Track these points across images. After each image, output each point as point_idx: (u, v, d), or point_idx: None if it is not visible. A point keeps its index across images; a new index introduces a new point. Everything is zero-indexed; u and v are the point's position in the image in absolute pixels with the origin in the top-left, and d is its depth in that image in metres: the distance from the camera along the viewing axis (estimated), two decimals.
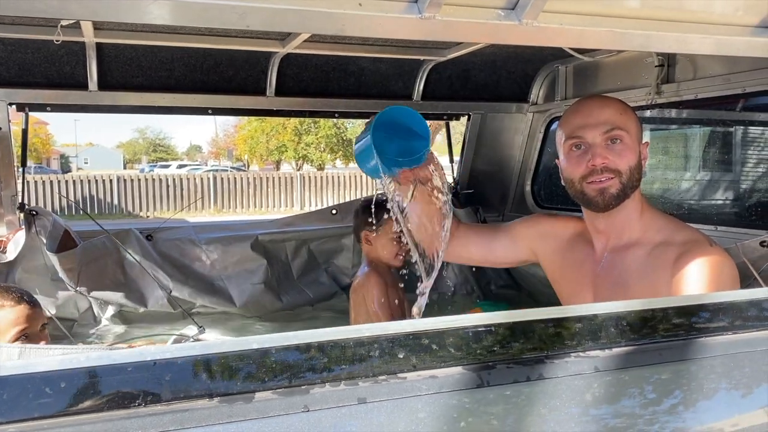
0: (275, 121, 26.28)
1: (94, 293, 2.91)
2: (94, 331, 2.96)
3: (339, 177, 19.45)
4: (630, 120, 1.53)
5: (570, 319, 0.89)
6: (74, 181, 17.31)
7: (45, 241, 2.72)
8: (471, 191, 3.54)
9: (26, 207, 2.74)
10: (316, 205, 17.26)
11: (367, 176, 1.65)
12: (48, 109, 2.69)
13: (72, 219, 4.29)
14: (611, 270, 1.58)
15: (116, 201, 17.32)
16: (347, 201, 3.50)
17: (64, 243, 2.79)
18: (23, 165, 2.80)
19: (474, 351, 0.83)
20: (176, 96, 2.75)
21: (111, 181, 17.32)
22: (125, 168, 48.54)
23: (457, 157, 3.61)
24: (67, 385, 0.69)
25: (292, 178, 19.09)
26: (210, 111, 2.90)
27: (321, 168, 27.24)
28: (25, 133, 2.77)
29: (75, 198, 16.15)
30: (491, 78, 3.18)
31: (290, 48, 2.43)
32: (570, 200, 1.61)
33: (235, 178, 18.49)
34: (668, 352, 0.90)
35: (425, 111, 3.19)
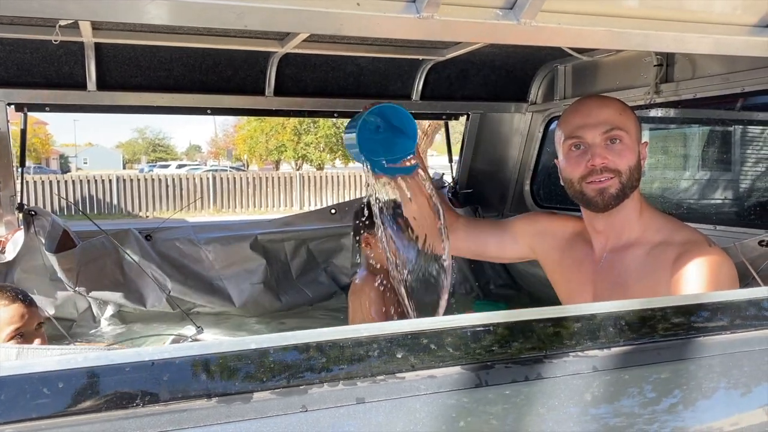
0: (274, 121, 26.25)
1: (93, 293, 2.91)
2: (94, 332, 2.96)
3: (338, 177, 19.43)
4: (629, 120, 1.53)
5: (569, 319, 0.89)
6: (73, 181, 17.30)
7: (44, 241, 2.72)
8: (470, 191, 3.55)
9: (25, 207, 2.74)
10: (316, 205, 17.26)
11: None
12: (46, 109, 2.69)
13: (71, 219, 4.29)
14: (610, 270, 1.58)
15: (115, 201, 17.31)
16: (346, 201, 3.50)
17: (63, 243, 2.79)
18: (22, 165, 2.80)
19: (473, 351, 0.83)
20: (175, 96, 2.74)
21: (110, 181, 17.32)
22: (124, 168, 48.49)
23: (456, 157, 3.61)
24: (65, 386, 0.69)
25: (292, 178, 19.08)
26: (209, 111, 2.90)
27: (320, 168, 27.21)
28: (24, 133, 2.77)
29: (74, 198, 16.14)
30: (490, 78, 3.18)
31: (289, 48, 2.43)
32: (569, 200, 1.61)
33: (235, 178, 18.48)
34: (667, 352, 0.90)
35: (424, 111, 3.19)
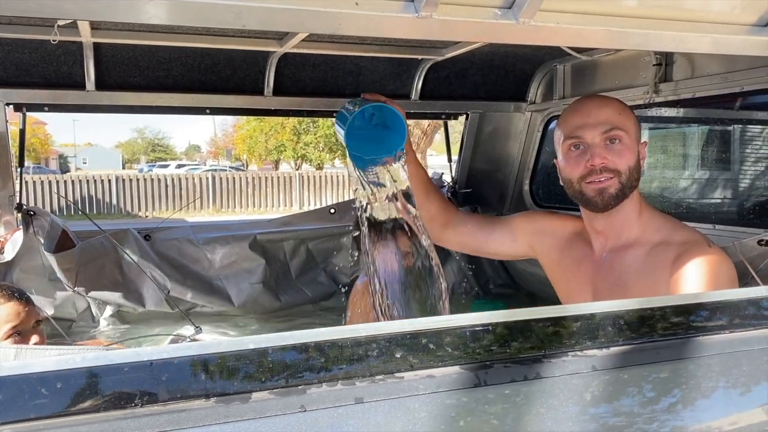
0: (274, 121, 26.22)
1: (92, 293, 2.91)
2: (93, 332, 2.96)
3: (338, 176, 19.42)
4: (629, 120, 1.53)
5: (568, 319, 0.89)
6: (73, 181, 17.29)
7: (43, 242, 2.72)
8: (469, 190, 3.54)
9: (24, 207, 2.74)
10: (315, 205, 17.25)
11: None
12: (45, 109, 2.69)
13: (70, 219, 4.29)
14: (610, 270, 1.57)
15: (115, 201, 17.30)
16: (346, 200, 3.50)
17: (62, 243, 2.79)
18: (21, 165, 2.80)
19: (471, 350, 0.83)
20: (174, 96, 2.74)
21: (110, 181, 17.30)
22: (124, 168, 48.42)
23: (456, 157, 3.61)
24: (63, 386, 0.69)
25: (291, 178, 19.07)
26: (208, 111, 2.90)
27: (320, 167, 27.18)
28: (23, 133, 2.77)
29: (74, 198, 16.13)
30: (489, 77, 3.18)
31: (288, 47, 2.43)
32: (568, 199, 1.61)
33: (234, 178, 18.46)
34: (666, 351, 0.90)
35: (423, 110, 3.19)
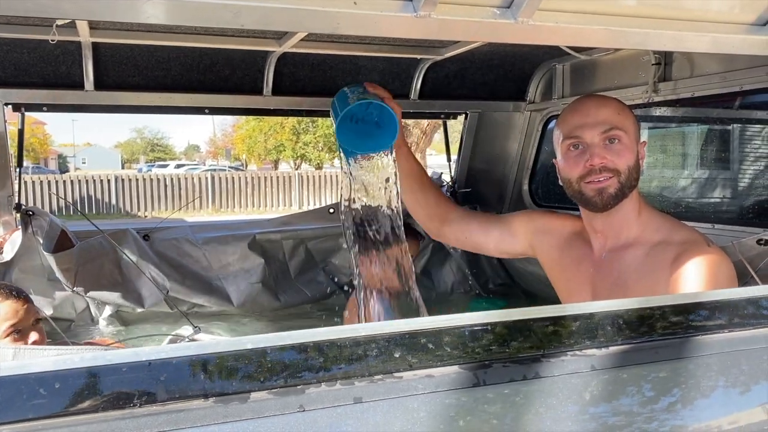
0: (273, 121, 26.22)
1: (91, 293, 2.91)
2: (92, 332, 2.96)
3: (337, 176, 19.38)
4: (628, 119, 1.53)
5: (567, 318, 0.89)
6: (72, 181, 17.29)
7: (42, 242, 2.72)
8: (468, 190, 3.54)
9: (23, 207, 2.73)
10: (315, 204, 17.25)
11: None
12: (44, 109, 2.69)
13: (69, 219, 4.29)
14: (609, 270, 1.57)
15: (114, 201, 17.30)
16: None
17: (61, 243, 2.78)
18: (19, 165, 2.80)
19: (471, 350, 0.82)
20: (173, 95, 2.74)
21: (109, 181, 17.30)
22: (123, 168, 48.42)
23: (455, 156, 3.61)
24: (62, 386, 0.69)
25: (291, 178, 19.07)
26: (207, 110, 2.90)
27: (319, 167, 27.18)
28: (21, 133, 2.77)
29: (73, 198, 16.13)
30: (488, 77, 3.18)
31: (287, 47, 2.43)
32: (567, 199, 1.61)
33: (233, 178, 18.46)
34: (666, 351, 0.90)
35: (422, 110, 3.19)
